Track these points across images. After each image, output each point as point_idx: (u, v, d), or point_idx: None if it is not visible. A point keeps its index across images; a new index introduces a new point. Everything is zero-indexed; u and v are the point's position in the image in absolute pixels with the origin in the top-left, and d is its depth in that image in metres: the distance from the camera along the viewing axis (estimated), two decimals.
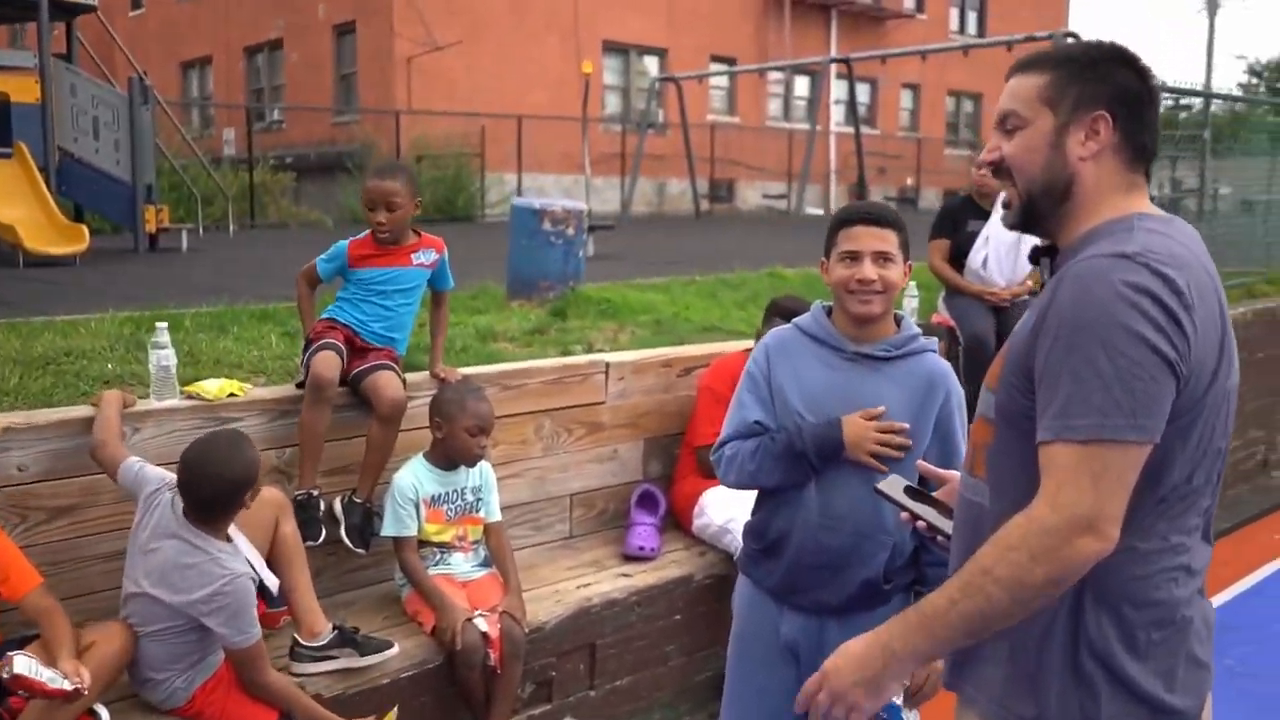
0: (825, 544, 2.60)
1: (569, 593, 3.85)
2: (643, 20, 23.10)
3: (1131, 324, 1.50)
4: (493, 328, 5.44)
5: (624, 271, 8.82)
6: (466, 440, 3.50)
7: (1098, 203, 1.71)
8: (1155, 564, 1.62)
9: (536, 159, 20.05)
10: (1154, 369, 1.50)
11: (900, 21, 27.87)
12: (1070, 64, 1.72)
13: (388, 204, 3.68)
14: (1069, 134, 1.70)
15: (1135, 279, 1.51)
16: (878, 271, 2.54)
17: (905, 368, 2.62)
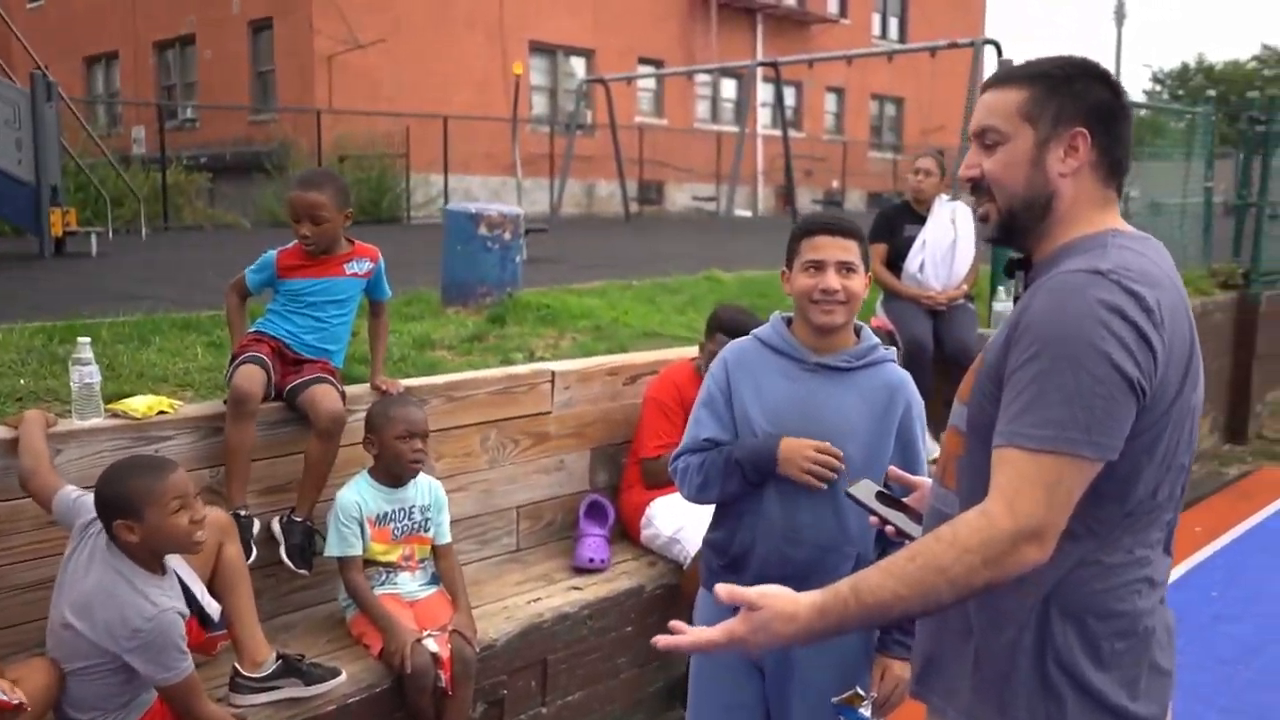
0: (789, 556, 2.57)
1: (519, 608, 3.75)
2: (569, 21, 23.01)
3: (1099, 342, 1.51)
4: (430, 335, 5.31)
5: (560, 276, 8.72)
6: (399, 448, 3.38)
7: (1074, 218, 1.71)
8: (1120, 576, 1.65)
9: (462, 160, 19.84)
10: (1116, 388, 1.51)
11: (824, 26, 28.17)
12: (1047, 79, 1.71)
13: (312, 217, 3.52)
14: (1049, 150, 1.70)
15: (1107, 296, 1.52)
16: (841, 281, 2.52)
17: (866, 378, 2.60)
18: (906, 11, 30.88)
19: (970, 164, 1.78)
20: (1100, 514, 1.60)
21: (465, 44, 21.13)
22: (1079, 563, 1.64)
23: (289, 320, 3.60)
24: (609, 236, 15.69)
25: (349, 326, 3.76)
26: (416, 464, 3.43)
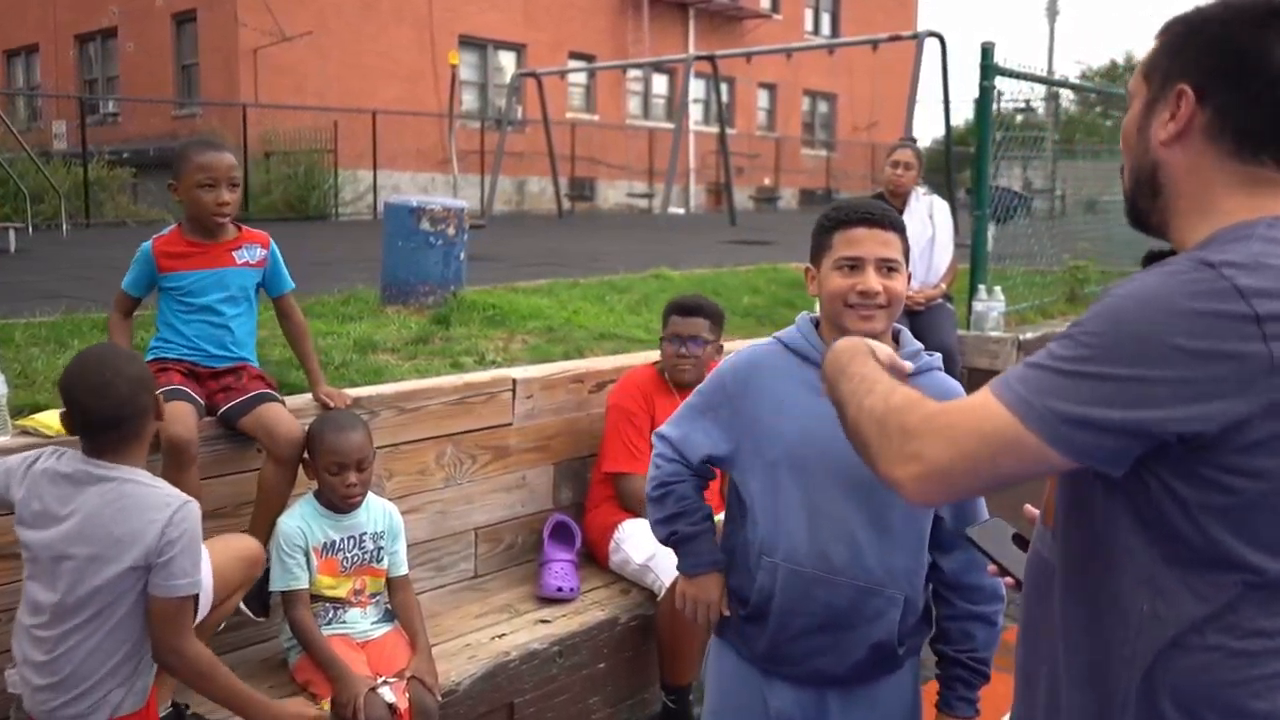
0: (822, 601, 2.18)
1: (482, 645, 3.36)
2: (499, 15, 22.55)
3: (1166, 337, 1.25)
4: (371, 337, 4.90)
5: (501, 274, 8.33)
6: (329, 480, 2.98)
7: (1205, 201, 1.37)
8: (1256, 667, 1.29)
9: (391, 156, 19.28)
10: (1159, 393, 1.27)
11: (758, 21, 28.02)
12: (1180, 27, 1.40)
13: (232, 179, 3.12)
14: (1155, 113, 1.40)
15: (1198, 291, 1.24)
16: (882, 282, 2.13)
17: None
18: (838, 7, 30.87)
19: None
20: (1210, 579, 1.27)
21: (393, 37, 20.56)
22: (1185, 640, 1.30)
23: (183, 329, 3.15)
24: (545, 233, 15.29)
25: (253, 325, 3.32)
26: (349, 500, 3.02)
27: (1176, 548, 1.29)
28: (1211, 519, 1.26)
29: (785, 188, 29.40)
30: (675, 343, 3.85)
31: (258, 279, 3.28)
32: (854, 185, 31.23)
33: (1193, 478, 1.25)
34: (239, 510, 3.15)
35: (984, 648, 2.28)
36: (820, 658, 2.21)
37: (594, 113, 25.28)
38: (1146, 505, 1.30)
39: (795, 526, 2.20)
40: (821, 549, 2.18)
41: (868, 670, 2.23)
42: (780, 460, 2.22)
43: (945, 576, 2.26)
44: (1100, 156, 9.69)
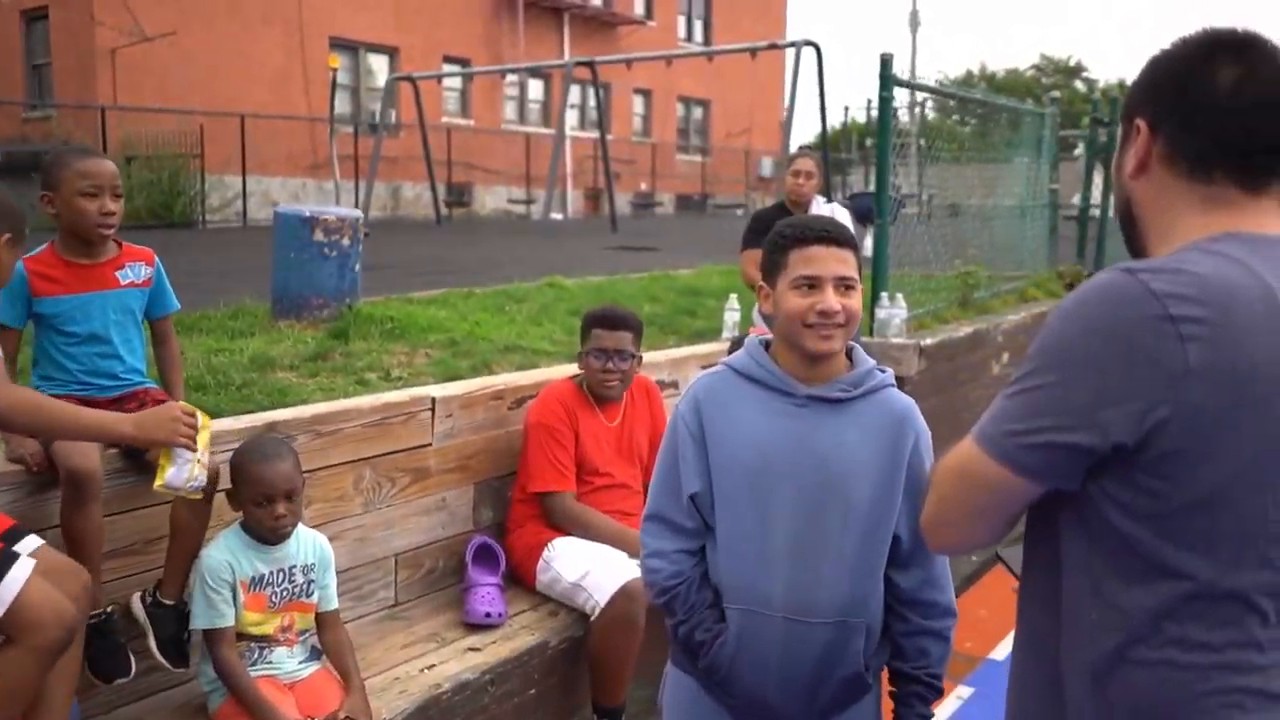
0: (791, 644, 2.13)
1: (412, 679, 3.21)
2: (371, 17, 22.07)
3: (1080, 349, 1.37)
4: (266, 354, 4.68)
5: (392, 283, 8.09)
6: (255, 513, 2.80)
7: (1168, 224, 1.42)
8: (1204, 682, 1.29)
9: (260, 161, 18.67)
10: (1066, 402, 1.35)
11: (631, 28, 28.12)
12: (1145, 67, 1.48)
13: (115, 189, 2.88)
14: (1125, 150, 1.48)
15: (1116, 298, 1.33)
16: (841, 300, 2.09)
17: (867, 408, 2.16)
18: (711, 14, 31.20)
19: None
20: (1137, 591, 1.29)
21: (260, 38, 19.90)
22: (1134, 653, 1.31)
23: (67, 364, 2.88)
24: (426, 240, 15.00)
25: (141, 347, 3.07)
26: (278, 533, 2.84)
27: (1118, 556, 1.31)
28: (1147, 526, 1.28)
29: (662, 193, 29.56)
30: (601, 357, 3.76)
31: (143, 300, 3.05)
32: (728, 190, 31.62)
33: (1127, 484, 1.28)
34: (149, 548, 2.94)
35: (938, 663, 2.26)
36: (791, 701, 2.17)
37: (469, 118, 24.99)
38: (1091, 514, 1.33)
39: (759, 566, 2.15)
40: (786, 589, 2.13)
41: (838, 703, 2.19)
42: (738, 492, 2.17)
43: (901, 593, 2.24)
44: (961, 161, 9.97)
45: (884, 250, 6.12)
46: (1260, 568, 1.26)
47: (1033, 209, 9.44)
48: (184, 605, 2.82)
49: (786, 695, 2.17)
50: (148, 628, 2.77)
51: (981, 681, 4.55)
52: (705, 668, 2.22)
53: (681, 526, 2.24)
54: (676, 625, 2.26)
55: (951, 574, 2.31)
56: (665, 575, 2.25)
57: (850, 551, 2.14)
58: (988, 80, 43.64)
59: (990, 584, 5.67)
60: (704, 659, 2.21)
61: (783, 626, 2.13)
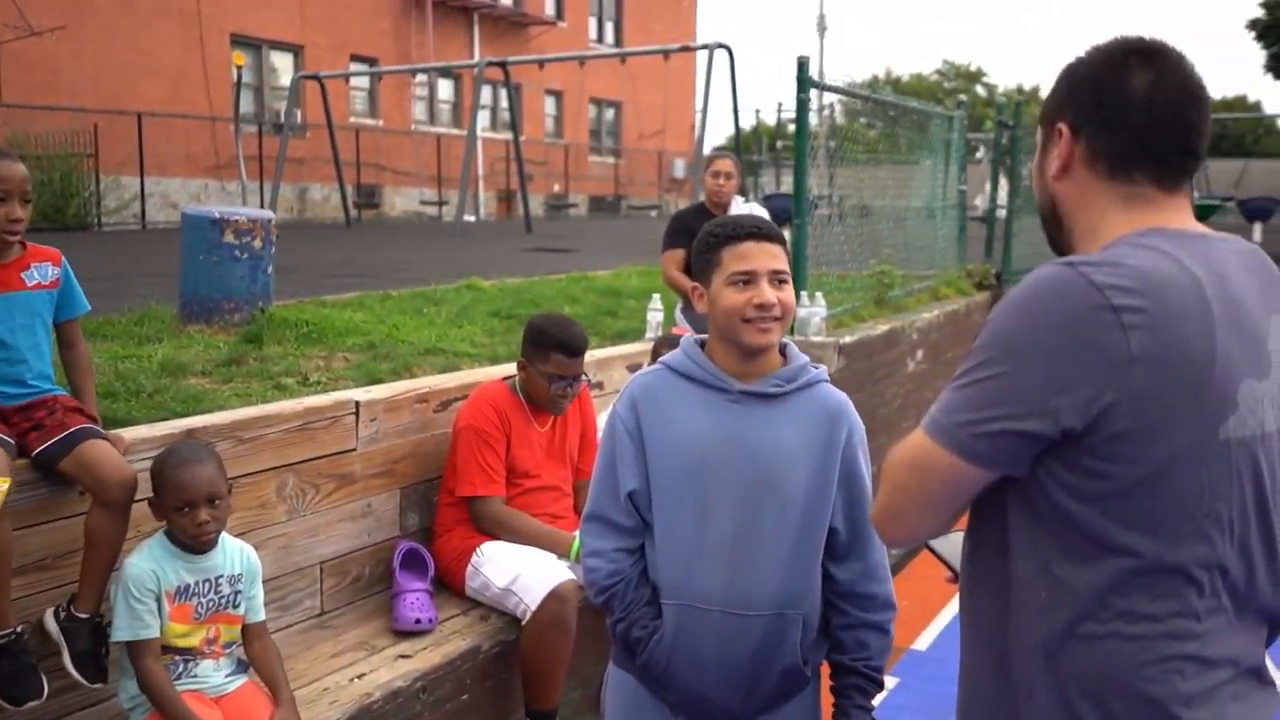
0: (728, 638, 2.15)
1: (342, 689, 3.13)
2: (273, 14, 21.61)
3: (1027, 337, 1.44)
4: (177, 360, 4.54)
5: (304, 286, 7.94)
6: (178, 521, 2.70)
7: (1092, 223, 1.50)
8: (1149, 650, 1.37)
9: (158, 162, 18.16)
10: (1016, 389, 1.41)
11: (542, 28, 28.03)
12: (1062, 73, 1.56)
13: (24, 193, 2.76)
14: (1046, 152, 1.56)
15: (1060, 288, 1.40)
16: (776, 294, 2.14)
17: (801, 403, 2.21)
18: (622, 16, 31.25)
19: None
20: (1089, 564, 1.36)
21: (157, 34, 19.32)
22: (1083, 629, 1.38)
23: None
24: (336, 243, 14.75)
25: (49, 352, 2.93)
26: (203, 540, 2.73)
27: (1066, 537, 1.37)
28: (1094, 507, 1.34)
29: (576, 194, 29.51)
30: (560, 382, 3.72)
31: (51, 302, 2.91)
32: (641, 191, 31.72)
33: (1074, 468, 1.35)
34: (61, 563, 2.81)
35: (878, 656, 2.29)
36: (729, 695, 2.18)
37: (378, 118, 24.63)
38: (1039, 497, 1.39)
39: (694, 562, 2.17)
40: (722, 583, 2.16)
41: (776, 696, 2.21)
42: (675, 488, 2.19)
43: (840, 586, 2.27)
44: (873, 163, 10.14)
45: (803, 250, 6.18)
46: (1198, 542, 1.34)
47: (943, 210, 9.65)
48: (100, 618, 2.70)
49: (724, 689, 2.19)
50: (62, 643, 2.65)
51: (905, 671, 4.62)
52: (642, 664, 2.23)
53: (620, 525, 2.26)
54: (615, 623, 2.28)
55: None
56: (604, 574, 2.26)
57: (786, 545, 2.16)
58: (893, 84, 44.65)
59: (912, 575, 5.76)
60: (641, 655, 2.22)
61: (719, 621, 2.15)
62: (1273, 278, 1.46)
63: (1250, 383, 1.34)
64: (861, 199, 8.97)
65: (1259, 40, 29.40)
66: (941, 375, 7.98)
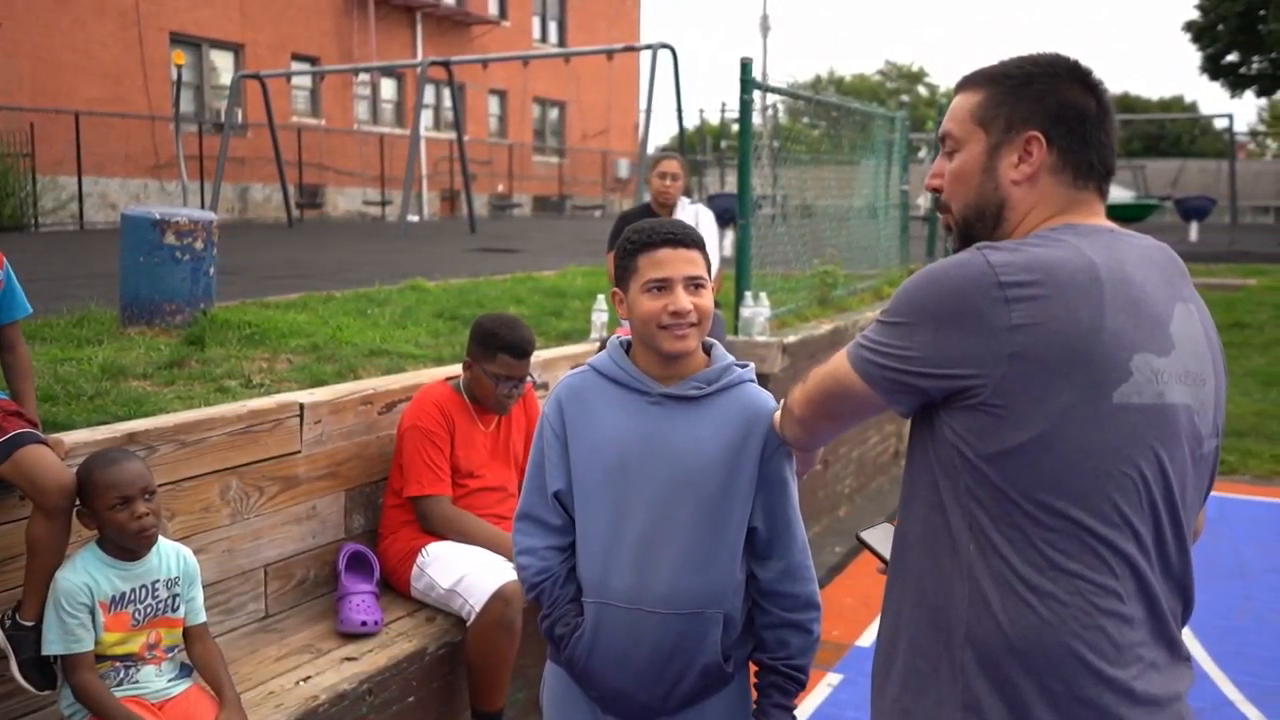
0: (644, 636, 2.19)
1: (287, 692, 3.13)
2: (213, 12, 21.32)
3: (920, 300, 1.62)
4: (117, 362, 4.49)
5: (246, 288, 7.87)
6: (116, 520, 2.67)
7: (1031, 222, 1.63)
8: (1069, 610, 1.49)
9: (96, 161, 17.84)
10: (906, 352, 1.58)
11: (486, 28, 27.91)
12: (1005, 81, 1.64)
13: None
14: (1001, 156, 1.63)
15: (955, 266, 1.56)
16: (692, 300, 2.15)
17: (721, 404, 2.23)
18: (565, 16, 31.22)
19: (934, 172, 1.72)
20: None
21: (93, 32, 18.98)
22: (1009, 583, 1.49)
23: None
24: (279, 243, 14.59)
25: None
26: (145, 534, 2.71)
27: (980, 493, 1.49)
28: (997, 463, 1.47)
29: (520, 194, 29.43)
30: (507, 384, 3.74)
31: None
32: (586, 191, 31.71)
33: (971, 427, 1.49)
34: (4, 569, 2.79)
35: (800, 654, 2.31)
36: (653, 689, 2.22)
37: (320, 117, 24.38)
38: (953, 454, 1.52)
39: (611, 561, 2.21)
40: (638, 582, 2.19)
41: (699, 693, 2.24)
42: (596, 488, 2.23)
43: (762, 585, 2.30)
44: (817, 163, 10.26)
45: (747, 250, 6.24)
46: (1102, 501, 1.45)
47: (885, 210, 9.77)
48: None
49: (644, 685, 2.22)
50: (9, 650, 2.63)
51: (850, 668, 4.69)
52: (566, 660, 2.27)
53: (549, 524, 2.29)
54: (542, 619, 2.31)
55: (815, 564, 2.38)
56: (533, 572, 2.30)
57: (703, 544, 2.19)
58: (836, 84, 45.04)
59: (855, 573, 5.84)
60: (564, 652, 2.27)
61: (636, 618, 2.18)
62: (1177, 270, 1.61)
63: (1147, 355, 1.47)
64: (805, 199, 9.07)
65: (1194, 42, 30.04)
66: None
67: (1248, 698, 4.43)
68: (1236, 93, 30.01)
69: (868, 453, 7.64)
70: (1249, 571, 5.93)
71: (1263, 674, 4.60)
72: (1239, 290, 13.19)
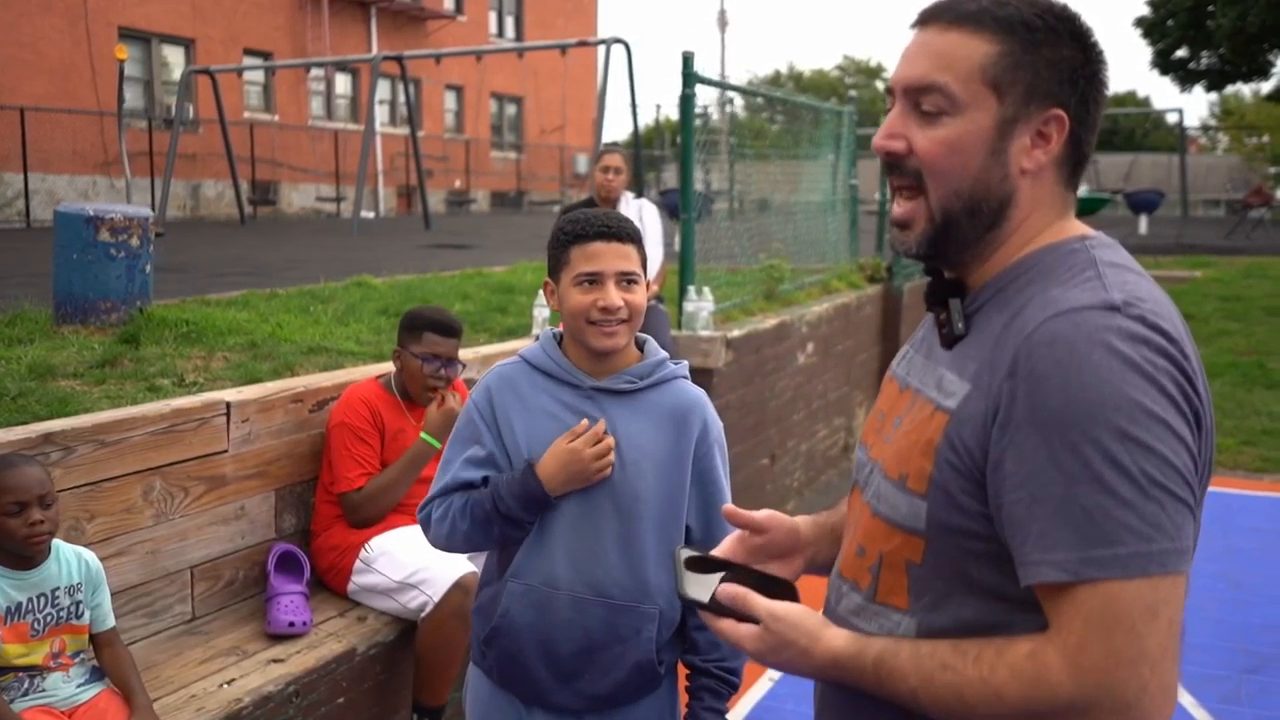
0: (575, 622, 2.15)
1: (210, 695, 3.07)
2: (163, 6, 21.03)
3: (1152, 405, 1.09)
4: (47, 361, 4.40)
5: (190, 286, 7.76)
6: (8, 525, 2.59)
7: (1030, 228, 1.27)
8: None
9: (43, 158, 17.55)
10: (1186, 464, 1.11)
11: (441, 23, 27.73)
12: (1027, 32, 1.21)
13: None
14: (1014, 135, 1.23)
15: (1139, 345, 1.11)
16: (623, 296, 2.13)
17: (654, 399, 2.22)
18: (522, 10, 31.09)
19: (894, 132, 1.26)
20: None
21: (39, 26, 18.65)
22: None
23: None
24: (229, 241, 14.41)
25: None
26: (38, 541, 2.64)
27: None
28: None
29: (477, 190, 29.27)
30: (433, 362, 3.69)
31: None
32: (544, 187, 31.60)
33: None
34: None
35: (732, 656, 2.28)
36: (579, 681, 2.18)
37: (273, 113, 24.12)
38: None
39: (545, 546, 2.17)
40: (572, 568, 2.16)
41: (629, 692, 2.21)
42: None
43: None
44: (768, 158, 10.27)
45: (690, 245, 6.23)
46: None
47: (833, 204, 9.79)
48: None
49: (569, 676, 2.18)
50: None
51: None
52: (489, 637, 2.20)
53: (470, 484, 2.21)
54: (474, 524, 2.16)
55: None
56: (453, 511, 2.18)
57: (640, 539, 2.17)
58: (795, 79, 45.17)
59: None
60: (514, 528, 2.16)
61: (567, 602, 2.15)
62: None
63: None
64: (758, 193, 9.08)
65: (1144, 37, 30.41)
66: (832, 368, 8.12)
67: (1184, 685, 4.48)
68: (1186, 88, 30.39)
69: (816, 446, 7.66)
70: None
71: (1198, 661, 4.66)
72: (1186, 283, 13.37)
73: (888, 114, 1.29)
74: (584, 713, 2.21)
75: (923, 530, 1.24)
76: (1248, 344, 10.98)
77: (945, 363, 1.28)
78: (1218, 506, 7.19)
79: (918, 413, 1.28)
